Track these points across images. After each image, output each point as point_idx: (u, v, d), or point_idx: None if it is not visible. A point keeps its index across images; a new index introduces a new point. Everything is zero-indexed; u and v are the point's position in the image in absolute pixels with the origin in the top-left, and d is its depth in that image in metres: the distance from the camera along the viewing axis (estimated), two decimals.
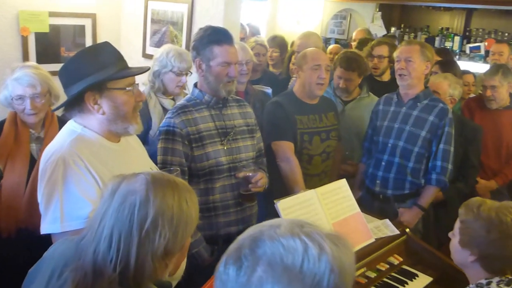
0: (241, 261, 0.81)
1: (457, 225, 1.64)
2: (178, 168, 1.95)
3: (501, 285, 1.53)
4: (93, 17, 3.92)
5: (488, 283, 1.56)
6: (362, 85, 3.24)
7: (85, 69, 1.61)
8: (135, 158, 1.79)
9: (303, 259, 0.78)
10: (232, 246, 0.86)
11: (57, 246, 1.25)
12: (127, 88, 1.65)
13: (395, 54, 2.75)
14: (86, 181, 1.54)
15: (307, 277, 0.77)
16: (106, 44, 1.69)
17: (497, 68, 3.28)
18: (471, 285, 1.62)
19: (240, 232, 0.90)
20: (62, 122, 2.21)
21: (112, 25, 4.08)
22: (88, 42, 3.92)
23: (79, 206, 1.52)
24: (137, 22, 4.02)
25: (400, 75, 2.66)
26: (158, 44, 3.83)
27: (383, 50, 3.58)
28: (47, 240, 1.53)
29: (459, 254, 1.63)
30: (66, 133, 1.65)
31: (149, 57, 3.67)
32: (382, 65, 3.63)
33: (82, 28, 3.89)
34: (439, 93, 2.85)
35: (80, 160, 1.55)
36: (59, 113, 2.18)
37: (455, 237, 1.65)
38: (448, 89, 2.89)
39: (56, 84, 2.13)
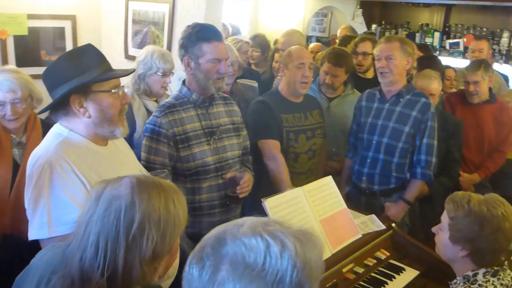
0: (203, 261, 0.83)
1: (445, 221, 1.63)
2: (166, 170, 1.94)
3: (487, 276, 1.56)
4: (72, 19, 3.87)
5: (475, 275, 1.58)
6: (346, 82, 3.25)
7: (68, 72, 1.58)
8: (123, 162, 1.77)
9: (265, 256, 0.80)
10: (197, 246, 0.87)
11: (44, 253, 1.24)
12: (112, 91, 1.63)
13: (375, 52, 2.74)
14: (73, 185, 1.52)
15: (269, 275, 0.79)
16: (89, 46, 1.67)
17: (478, 64, 3.34)
18: (458, 278, 1.64)
19: None
20: (45, 125, 2.17)
21: (92, 27, 4.03)
22: (69, 45, 3.87)
23: (66, 211, 1.50)
24: (118, 23, 3.97)
25: (381, 73, 2.67)
26: (140, 45, 3.80)
27: (367, 47, 3.57)
28: (35, 246, 1.50)
29: (449, 249, 1.63)
30: (52, 137, 1.63)
31: (132, 58, 3.63)
32: (366, 62, 3.61)
33: (62, 30, 3.83)
34: (434, 94, 2.91)
35: (66, 164, 1.53)
36: (43, 116, 2.15)
37: (443, 233, 1.64)
38: (439, 87, 2.96)
39: (38, 87, 2.10)
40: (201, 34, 2.10)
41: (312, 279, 0.83)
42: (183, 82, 2.24)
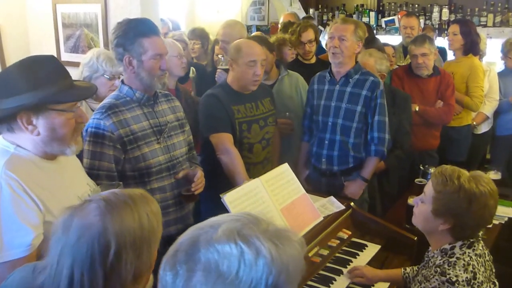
0: (176, 269, 0.81)
1: (429, 193, 1.59)
2: (121, 183, 1.85)
3: (463, 248, 1.57)
4: None
5: (452, 248, 1.59)
6: (278, 64, 3.24)
7: (20, 84, 1.47)
8: (73, 176, 1.68)
9: (239, 264, 0.79)
10: (171, 248, 0.85)
11: (15, 275, 1.17)
12: (68, 110, 1.53)
13: (329, 30, 2.75)
14: (26, 206, 1.43)
15: (243, 283, 0.78)
16: (49, 58, 1.56)
17: (423, 37, 3.47)
18: (435, 251, 1.64)
19: (179, 232, 0.89)
20: None
21: (18, 34, 3.77)
22: None
23: (20, 233, 1.41)
24: (47, 28, 3.75)
25: (333, 53, 2.68)
26: (74, 50, 3.61)
27: (310, 35, 3.59)
28: None
29: (430, 222, 1.61)
30: None
31: (66, 64, 3.44)
32: (313, 49, 3.65)
33: None
34: (385, 74, 2.99)
35: (17, 184, 1.43)
36: None
37: (425, 205, 1.61)
38: (375, 65, 3.01)
39: None
40: (139, 30, 2.00)
41: (290, 283, 0.82)
42: (122, 81, 2.14)
